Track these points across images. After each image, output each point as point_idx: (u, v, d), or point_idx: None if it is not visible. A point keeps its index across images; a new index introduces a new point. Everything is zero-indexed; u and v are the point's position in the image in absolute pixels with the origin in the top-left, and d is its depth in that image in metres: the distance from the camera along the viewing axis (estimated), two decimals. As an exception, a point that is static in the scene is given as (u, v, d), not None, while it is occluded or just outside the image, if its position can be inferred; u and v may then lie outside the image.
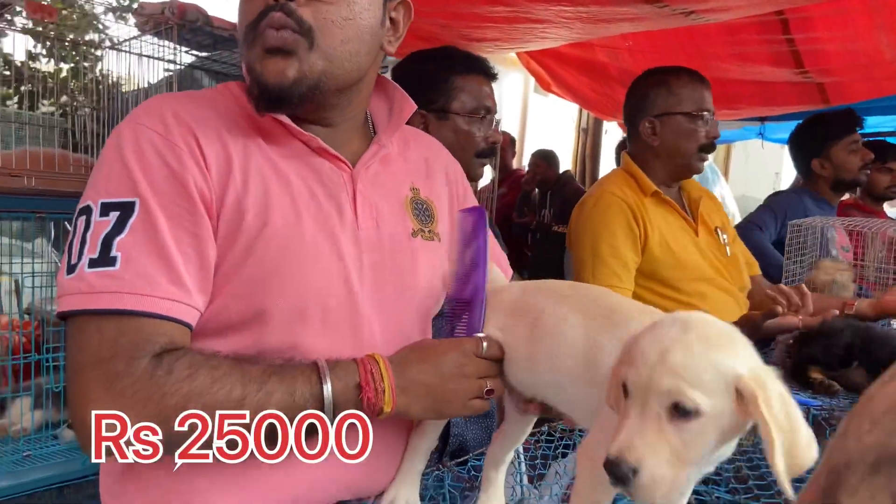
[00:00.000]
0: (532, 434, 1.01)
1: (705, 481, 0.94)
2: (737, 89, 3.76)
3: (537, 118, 5.25)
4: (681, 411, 0.59)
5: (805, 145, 2.82)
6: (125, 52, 2.16)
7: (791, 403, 0.59)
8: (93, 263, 0.77)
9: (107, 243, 0.78)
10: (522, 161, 5.73)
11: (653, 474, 0.59)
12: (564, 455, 1.24)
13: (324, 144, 0.93)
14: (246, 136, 0.89)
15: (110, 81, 2.59)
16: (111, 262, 0.77)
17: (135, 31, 2.27)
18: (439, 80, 1.60)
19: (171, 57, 2.14)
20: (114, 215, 0.79)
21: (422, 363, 0.85)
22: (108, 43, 2.35)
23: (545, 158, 4.84)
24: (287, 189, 0.89)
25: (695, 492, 0.84)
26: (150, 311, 0.78)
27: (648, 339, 0.63)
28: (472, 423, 1.48)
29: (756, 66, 3.52)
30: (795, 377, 1.35)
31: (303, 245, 0.87)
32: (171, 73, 2.55)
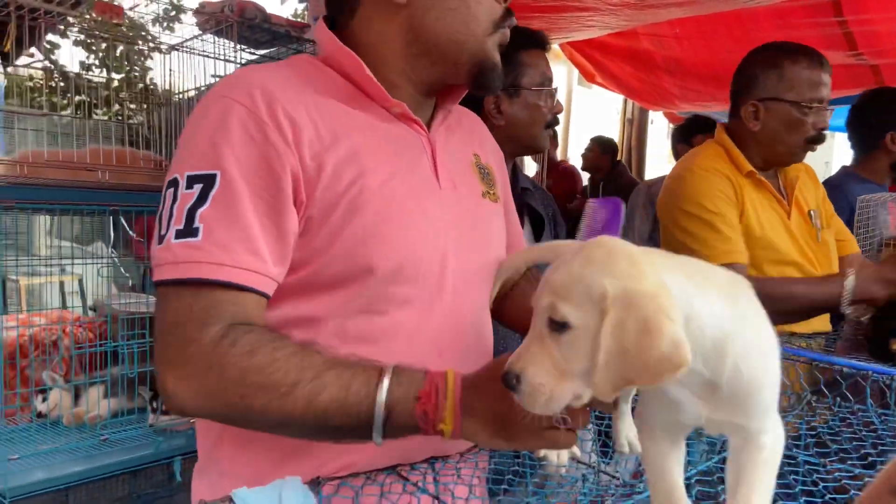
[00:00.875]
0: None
1: (788, 447, 0.94)
2: (788, 74, 3.70)
3: (582, 110, 5.23)
4: (554, 325, 0.62)
5: (878, 115, 2.56)
6: (185, 52, 2.22)
7: (654, 330, 0.57)
8: (178, 234, 0.81)
9: (191, 215, 0.81)
10: (567, 154, 5.70)
11: (532, 382, 0.63)
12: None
13: (407, 111, 0.97)
14: (330, 103, 0.93)
15: (165, 86, 2.67)
16: (194, 233, 0.80)
17: (185, 33, 2.35)
18: (507, 58, 1.63)
19: (232, 55, 2.20)
20: (197, 187, 0.82)
21: (494, 383, 0.74)
22: (166, 45, 2.40)
23: (599, 144, 4.79)
24: (376, 152, 0.93)
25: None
26: (225, 279, 0.80)
27: (551, 266, 0.66)
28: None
29: (808, 49, 3.45)
30: (875, 351, 1.32)
31: (397, 206, 0.92)
32: (217, 77, 2.63)
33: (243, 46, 2.33)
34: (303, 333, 0.87)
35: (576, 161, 5.28)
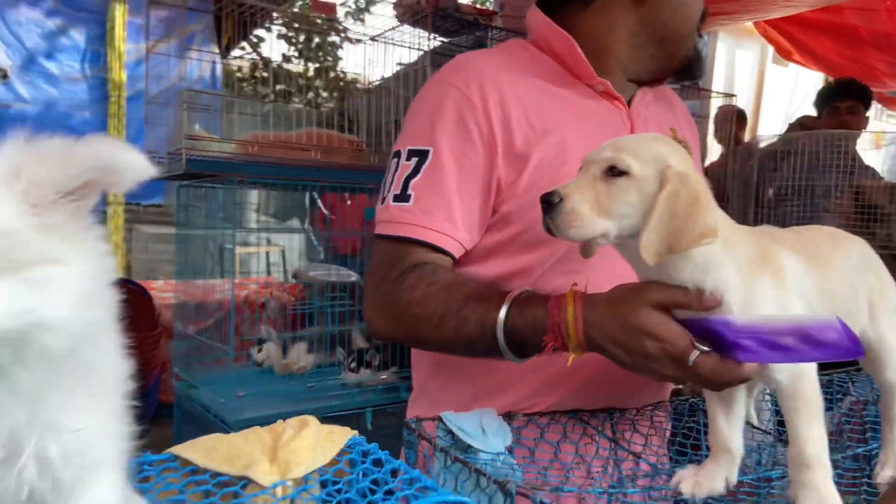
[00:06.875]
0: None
1: None
2: None
3: (775, 90, 4.91)
4: (613, 171, 0.73)
5: None
6: (382, 42, 2.43)
7: (702, 204, 0.70)
8: (395, 198, 0.98)
9: (406, 183, 0.98)
10: (757, 134, 5.38)
11: (573, 206, 0.73)
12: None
13: (610, 88, 1.05)
14: (539, 83, 1.03)
15: (357, 76, 2.89)
16: (407, 198, 0.97)
17: (377, 25, 2.54)
18: None
19: (424, 45, 2.37)
20: (414, 160, 0.98)
21: (618, 331, 0.77)
22: (365, 36, 2.62)
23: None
24: (579, 127, 1.01)
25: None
26: (422, 239, 0.96)
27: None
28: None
29: None
30: None
31: None
32: (401, 65, 2.82)
33: (435, 35, 2.50)
34: (518, 284, 0.95)
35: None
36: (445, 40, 2.66)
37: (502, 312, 0.85)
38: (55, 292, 0.38)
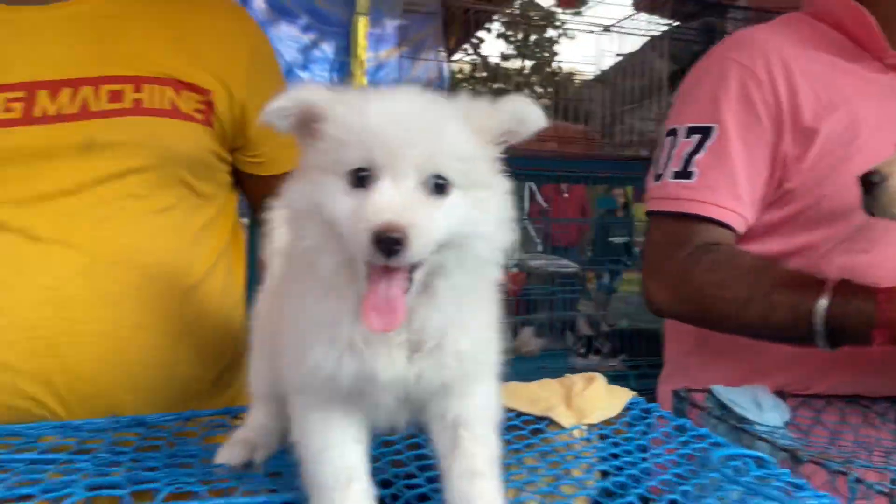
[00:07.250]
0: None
1: None
2: None
3: None
4: None
5: None
6: (622, 32, 2.43)
7: None
8: (676, 175, 0.99)
9: (688, 160, 0.98)
10: None
11: None
12: None
13: None
14: (824, 58, 1.00)
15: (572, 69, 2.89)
16: (689, 175, 0.98)
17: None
18: None
19: (660, 32, 2.34)
20: (695, 137, 0.99)
21: None
22: (599, 27, 2.64)
23: None
24: (869, 102, 0.97)
25: None
26: (707, 215, 0.96)
27: None
28: None
29: None
30: None
31: (888, 152, 0.91)
32: (621, 56, 2.79)
33: (670, 21, 2.45)
34: (797, 263, 0.96)
35: None
36: (674, 24, 2.59)
37: (823, 301, 0.85)
38: (488, 211, 0.47)
